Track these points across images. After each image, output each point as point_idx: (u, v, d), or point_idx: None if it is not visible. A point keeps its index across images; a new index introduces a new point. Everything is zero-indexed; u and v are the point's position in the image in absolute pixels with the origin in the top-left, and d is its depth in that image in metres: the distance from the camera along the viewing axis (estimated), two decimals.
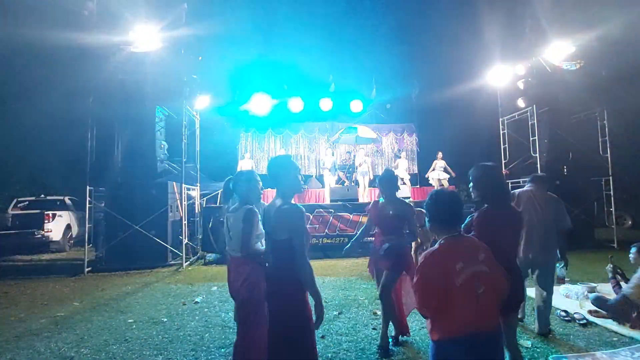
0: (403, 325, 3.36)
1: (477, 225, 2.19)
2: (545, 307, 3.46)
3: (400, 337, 3.33)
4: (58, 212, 9.57)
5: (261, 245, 2.54)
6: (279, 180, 2.02)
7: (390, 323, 3.22)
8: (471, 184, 2.37)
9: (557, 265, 3.47)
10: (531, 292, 4.42)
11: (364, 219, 7.62)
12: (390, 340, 3.23)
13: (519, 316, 3.90)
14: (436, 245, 1.73)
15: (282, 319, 1.92)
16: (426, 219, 1.85)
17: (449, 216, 1.76)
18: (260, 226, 2.51)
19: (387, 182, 3.31)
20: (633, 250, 3.71)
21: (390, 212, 3.18)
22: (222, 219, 2.72)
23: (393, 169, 11.43)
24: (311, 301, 1.96)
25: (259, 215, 2.48)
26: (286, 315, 1.90)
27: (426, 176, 10.77)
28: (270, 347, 1.99)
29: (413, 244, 5.05)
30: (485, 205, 2.28)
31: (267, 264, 2.12)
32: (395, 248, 3.05)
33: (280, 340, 1.93)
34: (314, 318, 1.95)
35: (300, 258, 1.86)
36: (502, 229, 2.17)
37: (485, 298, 1.63)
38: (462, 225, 2.18)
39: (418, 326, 3.62)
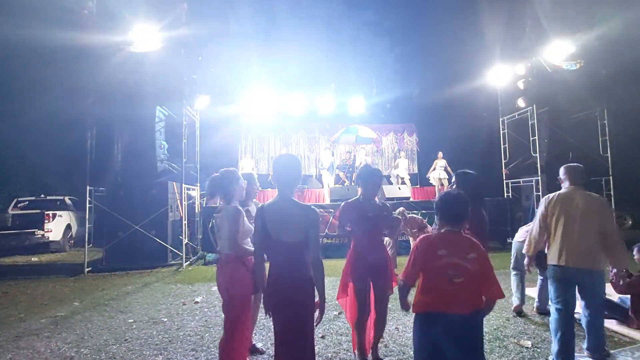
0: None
1: (479, 224, 2.54)
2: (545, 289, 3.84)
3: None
4: (58, 212, 9.57)
5: (250, 242, 2.54)
6: (284, 180, 2.00)
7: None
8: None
9: None
10: (530, 292, 4.49)
11: None
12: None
13: (517, 305, 4.06)
14: (434, 232, 2.06)
15: (289, 319, 1.92)
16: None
17: (450, 214, 2.04)
18: (248, 224, 2.52)
19: (368, 177, 2.91)
20: (635, 250, 3.74)
21: (370, 214, 2.82)
22: (214, 215, 2.67)
23: (393, 168, 11.45)
24: None
25: (244, 214, 2.53)
26: (294, 316, 1.90)
27: (427, 176, 10.78)
28: (276, 347, 1.99)
29: (412, 245, 5.02)
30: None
31: (265, 263, 2.11)
32: (383, 256, 2.88)
33: (283, 340, 1.93)
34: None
35: (318, 258, 1.96)
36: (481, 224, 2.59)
37: (462, 288, 1.88)
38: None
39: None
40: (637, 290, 3.50)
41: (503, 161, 10.49)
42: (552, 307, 2.85)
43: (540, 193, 8.85)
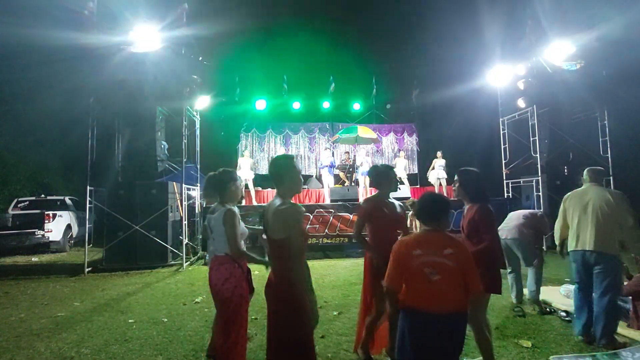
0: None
1: (490, 220, 2.57)
2: (534, 284, 4.33)
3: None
4: (58, 212, 9.57)
5: (244, 245, 2.55)
6: (280, 180, 2.02)
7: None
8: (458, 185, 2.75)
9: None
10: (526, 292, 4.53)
11: None
12: None
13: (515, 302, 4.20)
14: (410, 235, 2.14)
15: (280, 318, 1.91)
16: None
17: (427, 214, 2.11)
18: (243, 226, 2.52)
19: (390, 174, 3.00)
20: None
21: (390, 213, 2.88)
22: (208, 216, 2.63)
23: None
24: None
25: (239, 215, 2.49)
26: (284, 315, 1.89)
27: (427, 175, 10.75)
28: (269, 346, 1.99)
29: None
30: (472, 203, 2.68)
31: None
32: None
33: (278, 340, 1.92)
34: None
35: (294, 258, 1.86)
36: (488, 221, 2.58)
37: (441, 286, 1.92)
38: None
39: None
40: (638, 291, 3.51)
41: (503, 161, 10.49)
42: (574, 286, 3.46)
43: (540, 193, 8.85)
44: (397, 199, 3.19)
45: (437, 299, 1.92)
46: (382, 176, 3.02)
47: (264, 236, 2.31)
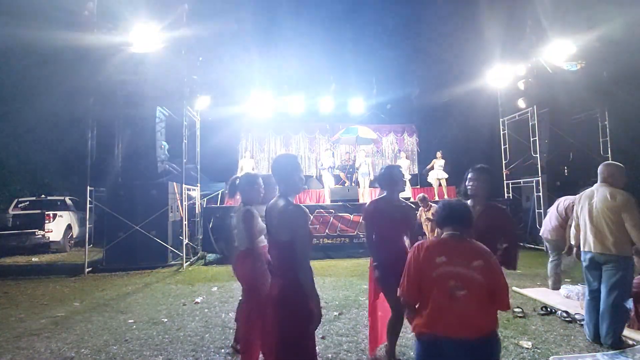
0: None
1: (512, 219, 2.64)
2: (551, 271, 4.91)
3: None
4: (58, 212, 9.57)
5: (264, 239, 2.80)
6: (282, 180, 2.01)
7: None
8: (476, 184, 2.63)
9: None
10: (528, 292, 4.53)
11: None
12: None
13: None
14: (433, 239, 1.87)
15: (283, 319, 1.91)
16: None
17: (453, 216, 1.83)
18: (261, 223, 2.72)
19: (389, 179, 2.93)
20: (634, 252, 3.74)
21: (397, 214, 2.82)
22: (231, 215, 3.00)
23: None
24: None
25: (258, 215, 2.74)
26: (287, 316, 1.89)
27: (423, 173, 10.70)
28: (274, 346, 1.98)
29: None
30: (487, 202, 2.61)
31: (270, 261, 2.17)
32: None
33: (280, 340, 1.92)
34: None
35: (300, 260, 1.85)
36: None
37: (466, 305, 1.62)
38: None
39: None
40: (638, 292, 3.50)
41: (503, 162, 10.48)
42: (585, 290, 3.49)
43: (540, 194, 8.85)
44: None
45: (459, 320, 1.61)
46: (385, 177, 2.97)
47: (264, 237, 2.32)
